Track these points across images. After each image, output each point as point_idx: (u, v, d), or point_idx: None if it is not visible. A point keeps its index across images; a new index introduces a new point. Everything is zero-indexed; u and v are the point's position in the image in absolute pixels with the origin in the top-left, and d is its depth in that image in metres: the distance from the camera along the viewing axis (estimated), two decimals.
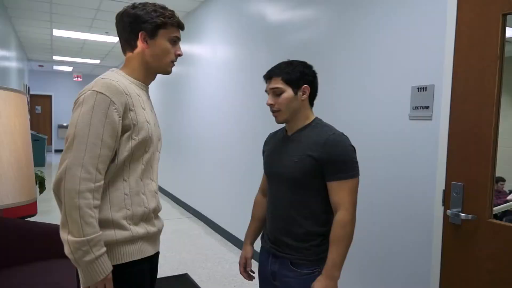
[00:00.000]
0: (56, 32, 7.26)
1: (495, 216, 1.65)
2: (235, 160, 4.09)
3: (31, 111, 13.68)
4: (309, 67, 1.47)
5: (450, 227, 1.80)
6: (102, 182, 1.19)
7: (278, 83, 1.42)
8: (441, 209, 1.85)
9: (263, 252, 1.59)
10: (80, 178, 1.13)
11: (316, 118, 1.49)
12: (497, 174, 1.64)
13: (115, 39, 7.69)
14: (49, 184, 7.39)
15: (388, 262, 2.18)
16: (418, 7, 2.00)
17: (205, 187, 4.96)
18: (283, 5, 3.22)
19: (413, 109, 2.02)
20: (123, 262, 1.25)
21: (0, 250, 2.20)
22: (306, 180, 1.39)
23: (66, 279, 2.07)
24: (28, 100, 11.49)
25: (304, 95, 1.44)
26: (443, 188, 1.83)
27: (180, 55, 1.38)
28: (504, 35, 1.60)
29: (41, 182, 3.30)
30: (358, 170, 1.39)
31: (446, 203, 1.82)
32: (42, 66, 12.45)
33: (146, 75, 1.36)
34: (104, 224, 1.21)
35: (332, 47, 2.64)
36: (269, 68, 3.41)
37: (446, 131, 1.81)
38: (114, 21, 1.36)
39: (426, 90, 1.94)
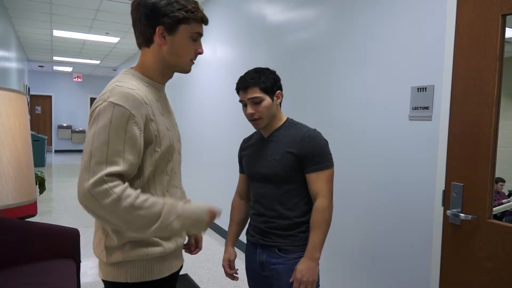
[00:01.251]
0: (56, 33, 7.26)
1: (495, 217, 1.65)
2: (235, 160, 4.10)
3: (31, 111, 13.69)
4: (275, 72, 1.57)
5: (450, 228, 1.80)
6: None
7: (256, 93, 1.49)
8: (441, 209, 1.85)
9: (249, 246, 1.66)
10: (109, 187, 1.00)
11: (288, 118, 1.62)
12: (497, 175, 1.64)
13: (115, 40, 7.70)
14: (49, 185, 7.40)
15: (388, 262, 2.18)
16: (418, 7, 2.00)
17: (204, 187, 4.96)
18: (283, 6, 3.22)
19: (413, 109, 2.02)
20: (154, 279, 1.18)
21: (0, 251, 2.20)
22: (288, 175, 1.50)
23: (66, 280, 2.07)
24: (28, 100, 11.50)
25: (279, 100, 1.56)
26: (443, 188, 1.83)
27: (200, 53, 1.24)
28: (504, 35, 1.60)
29: (41, 183, 3.31)
30: (332, 161, 1.52)
31: (446, 203, 1.82)
32: (42, 66, 12.46)
33: (163, 73, 1.23)
34: (136, 243, 1.14)
35: (332, 47, 2.64)
36: (269, 67, 3.42)
37: (446, 132, 1.81)
38: (114, 21, 1.30)
39: (426, 91, 1.95)
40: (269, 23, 3.44)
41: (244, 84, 1.51)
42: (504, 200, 1.66)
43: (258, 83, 1.49)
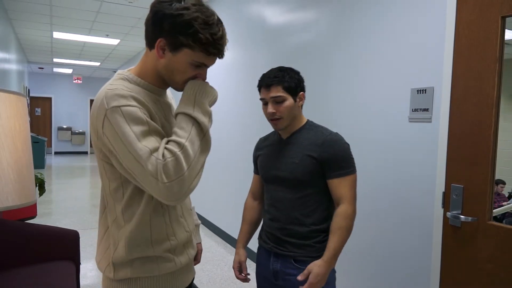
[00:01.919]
0: (56, 35, 7.27)
1: (495, 218, 1.65)
2: (234, 162, 4.09)
3: (31, 113, 13.69)
4: (299, 73, 1.52)
5: (450, 229, 1.80)
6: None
7: (279, 92, 1.44)
8: (441, 211, 1.85)
9: (262, 252, 1.59)
10: (153, 159, 0.92)
11: (308, 120, 1.56)
12: (497, 176, 1.64)
13: (115, 42, 7.71)
14: (49, 186, 7.40)
15: (388, 264, 2.18)
16: (418, 9, 2.00)
17: (204, 189, 4.96)
18: (283, 8, 3.23)
19: (412, 111, 2.02)
20: None
21: (0, 252, 2.20)
22: (307, 179, 1.44)
23: (66, 281, 2.06)
24: (28, 102, 11.50)
25: (301, 102, 1.51)
26: (443, 190, 1.83)
27: (200, 78, 1.08)
28: (503, 37, 1.60)
29: (40, 184, 3.30)
30: (355, 166, 1.46)
31: (446, 205, 1.82)
32: (42, 68, 12.47)
33: (160, 81, 1.11)
34: (146, 258, 1.08)
35: (331, 49, 2.64)
36: (269, 69, 3.42)
37: (446, 133, 1.81)
38: (114, 23, 1.22)
39: (425, 92, 1.95)
40: (269, 24, 3.44)
41: (267, 81, 1.46)
42: (504, 203, 1.66)
43: (282, 82, 1.44)
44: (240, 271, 1.62)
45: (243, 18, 3.94)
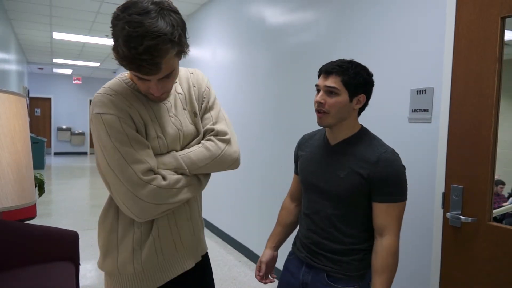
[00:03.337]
0: (56, 35, 7.27)
1: (495, 219, 1.65)
2: None
3: (31, 113, 13.68)
4: (371, 75, 1.32)
5: (450, 230, 1.80)
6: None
7: (336, 83, 1.26)
8: (440, 211, 1.85)
9: (293, 260, 1.46)
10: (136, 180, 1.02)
11: (362, 127, 1.36)
12: (497, 177, 1.64)
13: None
14: (49, 187, 7.39)
15: None
16: (418, 9, 2.00)
17: (204, 190, 4.95)
18: (282, 8, 3.23)
19: (412, 111, 2.02)
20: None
21: None
22: (350, 196, 1.28)
23: (66, 282, 2.06)
24: (28, 102, 11.50)
25: (358, 105, 1.30)
26: (443, 190, 1.83)
27: (152, 94, 1.06)
28: (503, 37, 1.60)
29: (40, 185, 3.30)
30: (406, 193, 1.28)
31: (445, 205, 1.82)
32: (42, 68, 12.46)
33: None
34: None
35: (331, 50, 2.64)
36: (268, 70, 3.43)
37: (446, 134, 1.81)
38: None
39: (425, 93, 1.95)
40: (269, 25, 3.44)
41: (328, 68, 1.28)
42: (504, 203, 1.66)
43: (343, 74, 1.25)
44: (260, 271, 1.53)
45: (243, 18, 3.94)
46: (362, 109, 1.35)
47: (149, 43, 0.91)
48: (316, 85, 1.31)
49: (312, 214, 1.38)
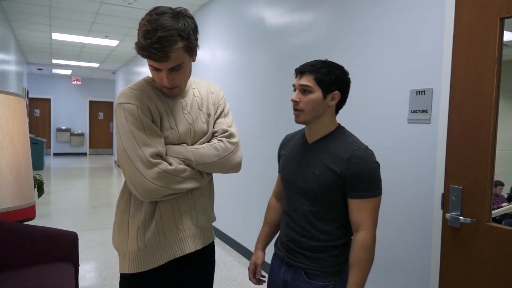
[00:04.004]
0: (55, 36, 7.27)
1: (494, 220, 1.65)
2: None
3: (30, 114, 13.68)
4: (346, 73, 1.36)
5: (449, 231, 1.80)
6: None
7: (309, 81, 1.30)
8: (440, 212, 1.85)
9: (275, 260, 1.51)
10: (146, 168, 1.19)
11: (339, 126, 1.40)
12: (496, 178, 1.64)
13: (115, 43, 7.70)
14: (48, 188, 7.38)
15: (387, 266, 2.17)
16: (417, 10, 2.01)
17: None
18: (282, 9, 3.23)
19: (411, 112, 2.02)
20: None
21: None
22: (325, 193, 1.32)
23: (65, 283, 2.06)
24: (27, 103, 11.49)
25: (333, 101, 1.34)
26: (442, 191, 1.83)
27: (163, 86, 1.26)
28: (502, 38, 1.60)
29: (39, 186, 3.30)
30: (381, 188, 1.31)
31: (445, 206, 1.82)
32: (41, 69, 12.46)
33: None
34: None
35: (331, 50, 2.65)
36: (268, 70, 3.43)
37: (445, 134, 1.81)
38: (113, 25, 1.37)
39: (424, 94, 1.95)
40: (268, 26, 3.45)
41: (301, 68, 1.34)
42: (503, 204, 1.66)
43: (316, 72, 1.30)
44: (254, 274, 1.56)
45: (243, 19, 3.94)
46: (339, 106, 1.39)
47: (160, 34, 1.13)
48: (293, 85, 1.37)
49: (290, 212, 1.42)
